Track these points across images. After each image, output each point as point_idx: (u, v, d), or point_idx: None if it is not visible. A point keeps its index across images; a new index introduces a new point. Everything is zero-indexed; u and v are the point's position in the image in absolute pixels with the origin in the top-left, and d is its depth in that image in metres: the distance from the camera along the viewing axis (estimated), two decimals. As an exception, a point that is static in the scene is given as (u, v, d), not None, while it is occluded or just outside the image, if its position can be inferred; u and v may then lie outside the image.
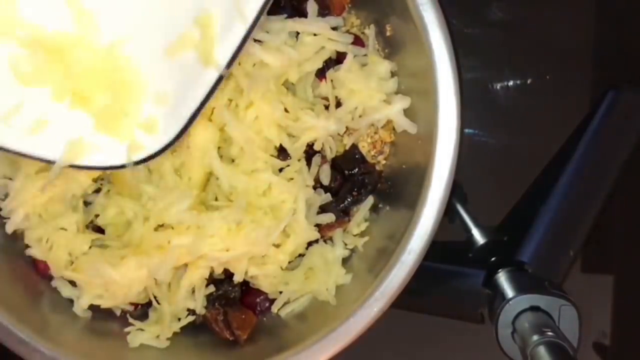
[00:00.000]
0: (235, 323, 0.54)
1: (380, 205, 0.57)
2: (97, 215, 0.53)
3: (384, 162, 0.58)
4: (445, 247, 0.63)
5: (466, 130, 0.65)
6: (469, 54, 0.64)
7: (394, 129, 0.56)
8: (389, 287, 0.49)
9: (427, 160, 0.49)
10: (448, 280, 0.62)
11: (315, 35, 0.52)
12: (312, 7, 0.52)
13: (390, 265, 0.50)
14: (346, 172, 0.55)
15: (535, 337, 0.53)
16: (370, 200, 0.56)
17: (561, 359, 0.51)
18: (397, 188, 0.56)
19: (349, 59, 0.53)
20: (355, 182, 0.55)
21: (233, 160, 0.52)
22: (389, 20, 0.55)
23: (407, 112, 0.53)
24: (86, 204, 0.53)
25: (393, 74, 0.54)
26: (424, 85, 0.50)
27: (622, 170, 0.61)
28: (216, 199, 0.52)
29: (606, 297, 0.65)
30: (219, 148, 0.52)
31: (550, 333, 0.53)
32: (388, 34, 0.55)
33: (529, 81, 0.64)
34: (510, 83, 0.64)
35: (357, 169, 0.55)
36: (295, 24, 0.51)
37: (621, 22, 0.64)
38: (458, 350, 0.65)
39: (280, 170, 0.53)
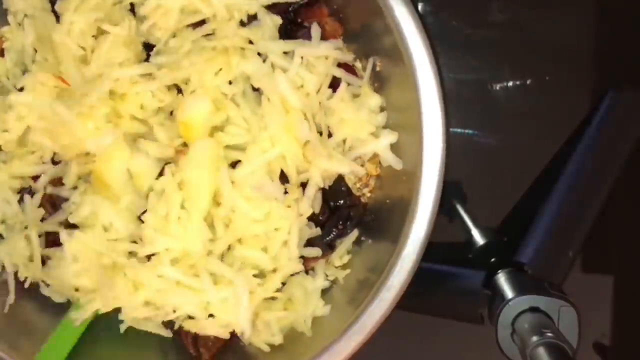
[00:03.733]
0: (202, 341, 0.53)
1: (362, 238, 0.56)
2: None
3: (369, 194, 0.57)
4: (445, 247, 0.63)
5: (466, 131, 0.65)
6: (469, 54, 0.64)
7: (380, 162, 0.55)
8: (369, 320, 0.48)
9: (411, 196, 0.49)
10: (448, 281, 0.62)
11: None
12: (315, 31, 0.52)
13: (370, 298, 0.49)
14: (332, 203, 0.55)
15: (534, 338, 0.53)
16: (355, 233, 0.55)
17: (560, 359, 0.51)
18: (380, 221, 0.55)
19: (342, 88, 0.52)
20: (341, 214, 0.55)
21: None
22: (379, 55, 0.54)
23: (393, 147, 0.53)
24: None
25: (382, 109, 0.54)
26: (410, 121, 0.49)
27: (622, 170, 0.61)
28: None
29: (606, 297, 0.65)
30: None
31: (549, 334, 0.53)
32: (378, 68, 0.54)
33: (528, 81, 0.64)
34: (510, 83, 0.64)
35: (342, 201, 0.55)
36: (305, 48, 0.51)
37: (621, 22, 0.64)
38: (458, 351, 0.65)
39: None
